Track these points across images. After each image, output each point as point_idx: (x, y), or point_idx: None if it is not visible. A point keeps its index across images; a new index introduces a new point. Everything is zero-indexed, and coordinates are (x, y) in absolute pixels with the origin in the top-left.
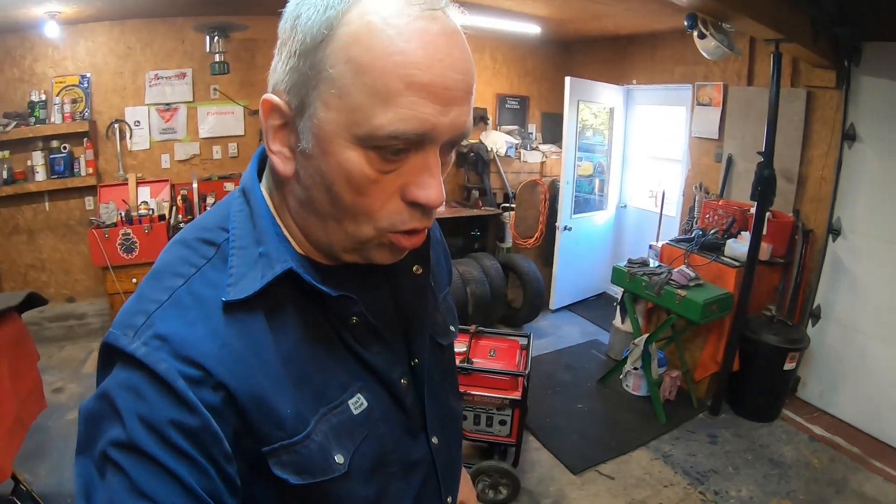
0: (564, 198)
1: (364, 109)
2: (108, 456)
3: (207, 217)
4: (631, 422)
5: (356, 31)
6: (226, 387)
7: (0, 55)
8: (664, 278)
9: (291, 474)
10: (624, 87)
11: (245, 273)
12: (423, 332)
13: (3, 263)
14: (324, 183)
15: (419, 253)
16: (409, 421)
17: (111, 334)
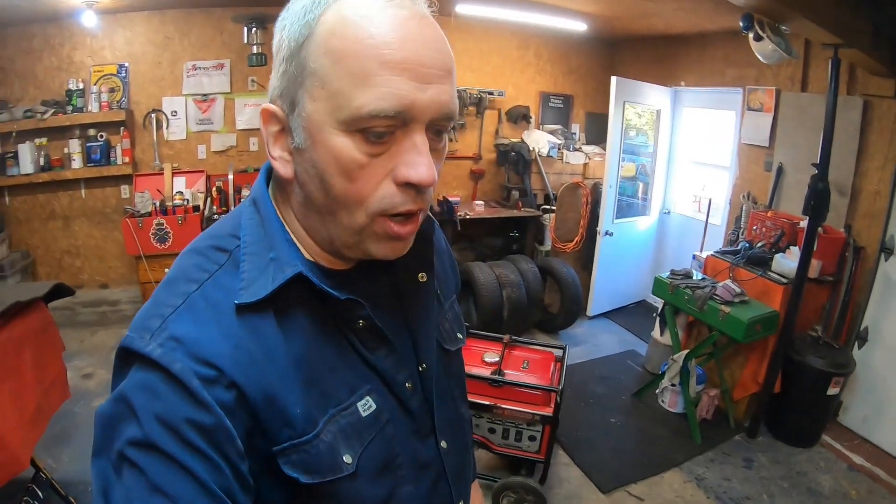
0: (607, 202)
1: (344, 93)
2: (124, 455)
3: (219, 226)
4: (665, 440)
5: (332, 25)
6: (238, 386)
7: (39, 43)
8: (708, 293)
9: (301, 473)
10: (671, 89)
11: (256, 277)
12: (429, 337)
13: (39, 248)
14: (317, 174)
15: (424, 261)
16: (417, 424)
17: (127, 338)
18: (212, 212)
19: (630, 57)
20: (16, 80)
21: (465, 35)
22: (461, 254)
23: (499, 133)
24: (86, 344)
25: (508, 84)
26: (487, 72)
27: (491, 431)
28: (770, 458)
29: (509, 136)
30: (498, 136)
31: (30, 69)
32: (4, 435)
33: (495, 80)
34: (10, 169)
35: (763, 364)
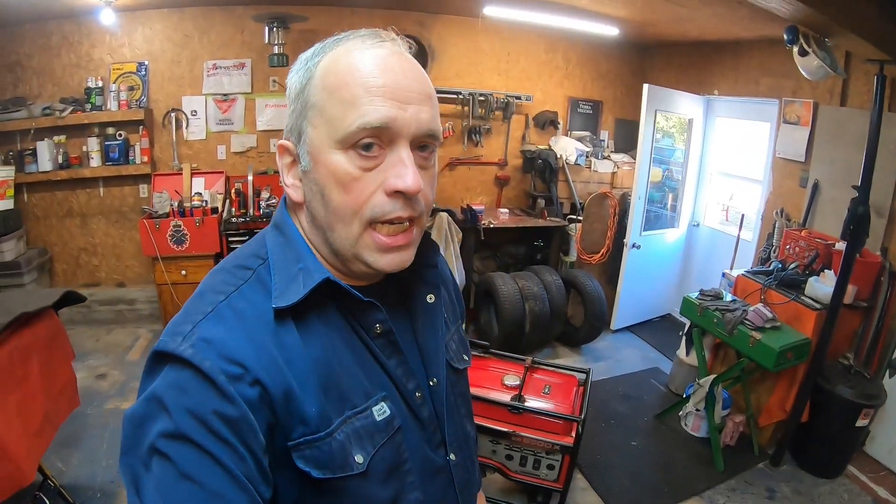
0: (635, 213)
1: (338, 116)
2: (155, 448)
3: (242, 250)
4: (686, 466)
5: (327, 66)
6: (261, 383)
7: (57, 40)
8: (738, 317)
9: (313, 468)
10: (704, 98)
11: (288, 287)
12: (438, 354)
13: (56, 246)
14: (319, 190)
15: (431, 284)
16: (428, 434)
17: (161, 342)
18: (230, 214)
19: (662, 63)
20: (34, 77)
21: (493, 37)
22: (483, 263)
23: (525, 139)
24: (101, 342)
25: (536, 88)
26: (514, 75)
27: (508, 458)
28: (793, 489)
29: (536, 142)
30: (524, 141)
31: (48, 66)
32: (9, 447)
33: (522, 84)
34: (28, 166)
35: (792, 391)
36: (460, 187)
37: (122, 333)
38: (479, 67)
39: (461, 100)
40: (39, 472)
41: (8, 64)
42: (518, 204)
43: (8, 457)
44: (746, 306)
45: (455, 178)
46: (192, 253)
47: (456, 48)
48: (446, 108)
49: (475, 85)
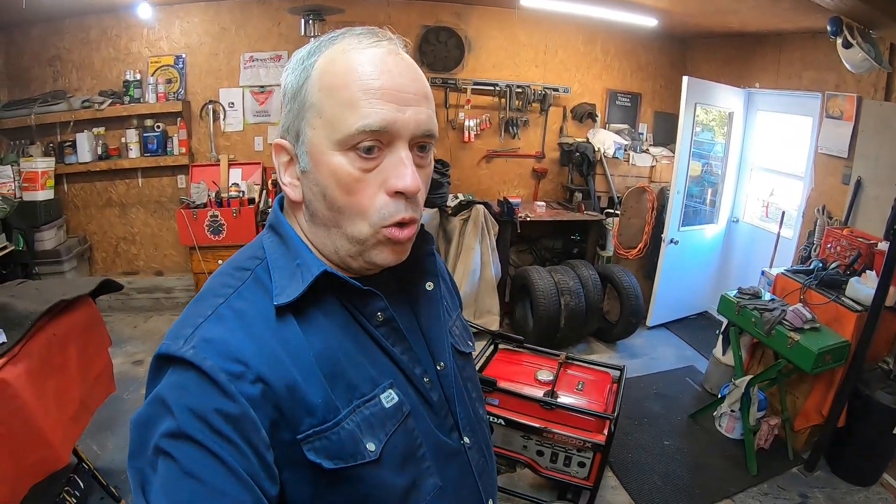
0: (673, 208)
1: (337, 118)
2: (159, 448)
3: (240, 254)
4: (719, 468)
5: (324, 66)
6: (263, 379)
7: (96, 34)
8: (777, 317)
9: (324, 459)
10: (745, 91)
11: (287, 283)
12: (442, 338)
13: (96, 235)
14: (320, 191)
15: (428, 272)
16: (439, 419)
17: (163, 346)
18: (267, 205)
19: (701, 55)
20: (74, 71)
21: (530, 29)
22: (520, 256)
23: (563, 131)
24: (139, 329)
25: (574, 80)
26: (552, 67)
27: (539, 454)
28: (826, 496)
29: (574, 134)
30: (562, 134)
31: (87, 60)
32: (46, 431)
33: (560, 76)
34: (68, 157)
35: (829, 395)
36: (497, 180)
37: (160, 321)
38: (517, 59)
39: (498, 92)
40: (74, 455)
41: (48, 58)
42: (555, 197)
43: (45, 440)
44: (785, 306)
45: (492, 171)
46: (229, 243)
47: (493, 40)
48: (483, 100)
49: (512, 77)
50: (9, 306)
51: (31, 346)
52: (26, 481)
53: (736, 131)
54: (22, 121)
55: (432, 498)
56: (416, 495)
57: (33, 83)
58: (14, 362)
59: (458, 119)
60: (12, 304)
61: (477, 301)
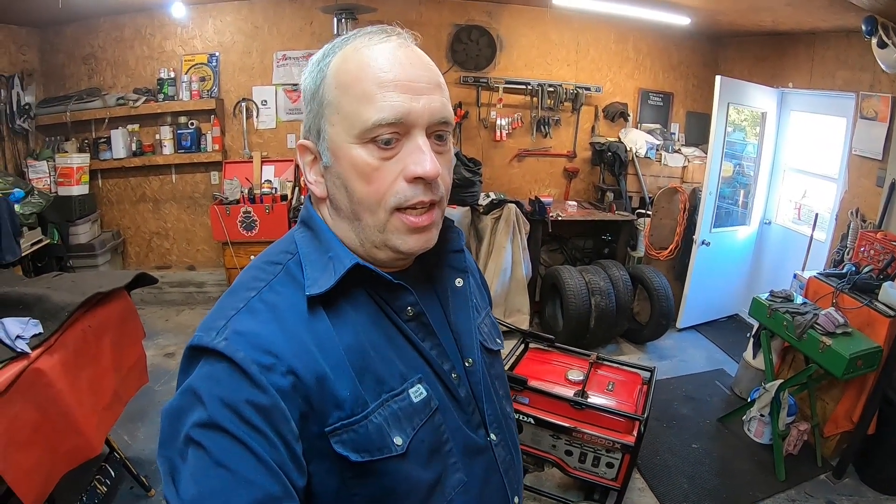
0: (705, 209)
1: (354, 112)
2: (190, 437)
3: (271, 249)
4: (747, 472)
5: (338, 65)
6: (294, 372)
7: (131, 33)
8: (808, 321)
9: (351, 451)
10: (778, 90)
11: (319, 276)
12: (471, 335)
13: (130, 229)
14: (342, 184)
15: (458, 268)
16: (467, 415)
17: (196, 337)
18: (299, 202)
19: (734, 54)
20: (108, 69)
21: (562, 27)
22: (550, 255)
23: (595, 131)
24: (171, 322)
25: (606, 80)
26: (584, 66)
27: (568, 454)
28: None
29: (606, 134)
30: (594, 133)
31: (121, 58)
32: (79, 421)
33: (591, 75)
34: (103, 153)
35: (860, 401)
36: (529, 179)
37: (191, 315)
38: (548, 58)
39: (530, 91)
40: (107, 445)
41: (83, 56)
42: (586, 197)
43: (78, 429)
44: (817, 310)
45: (524, 170)
46: (262, 238)
47: (525, 38)
48: (515, 99)
49: (544, 76)
50: (45, 298)
51: (66, 337)
52: (59, 468)
53: (769, 132)
54: (57, 117)
55: (457, 493)
56: (441, 490)
57: (68, 81)
58: (50, 352)
59: (490, 118)
60: (48, 296)
61: (507, 300)
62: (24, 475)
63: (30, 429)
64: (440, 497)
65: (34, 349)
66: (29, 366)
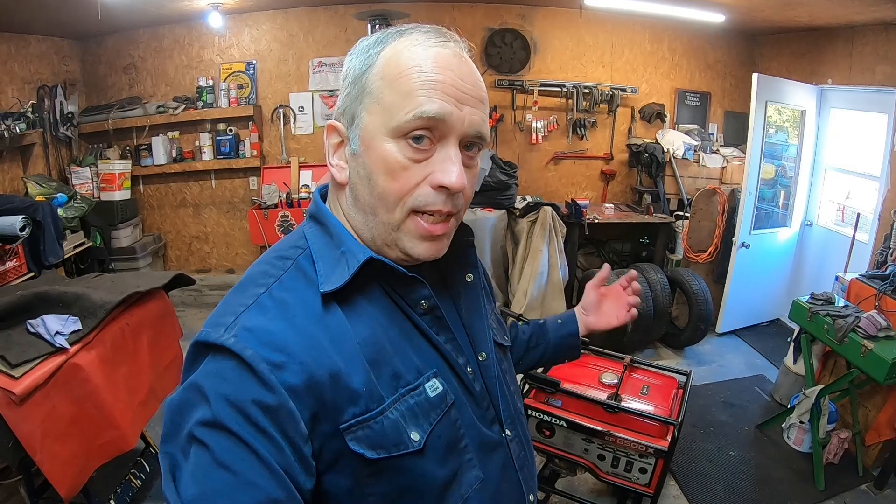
0: (745, 210)
1: (395, 106)
2: (193, 436)
3: (281, 243)
4: (785, 481)
5: (388, 57)
6: (305, 369)
7: (169, 43)
8: (850, 324)
9: (367, 448)
10: (817, 87)
11: (333, 271)
12: (483, 329)
13: (170, 233)
14: (367, 175)
15: (468, 264)
16: (481, 410)
17: (203, 333)
18: None
19: (771, 51)
20: (148, 78)
21: (595, 28)
22: (587, 258)
23: (631, 132)
24: None
25: (641, 80)
26: (619, 67)
27: (600, 458)
28: None
29: (642, 135)
30: (630, 135)
31: (161, 67)
32: (115, 415)
33: (627, 76)
34: (144, 160)
35: None
36: (565, 182)
37: None
38: (583, 60)
39: (565, 93)
40: (142, 440)
41: (124, 66)
42: (624, 199)
43: (114, 423)
44: (859, 313)
45: (560, 173)
46: None
47: (559, 41)
48: (550, 102)
49: (579, 77)
50: (85, 296)
51: (104, 335)
52: (95, 461)
53: (808, 130)
54: (99, 125)
55: (474, 491)
56: (457, 487)
57: (110, 90)
58: (88, 349)
59: (526, 121)
60: (88, 295)
61: (543, 303)
62: (59, 466)
63: (66, 421)
64: (456, 494)
65: (73, 345)
66: (67, 361)
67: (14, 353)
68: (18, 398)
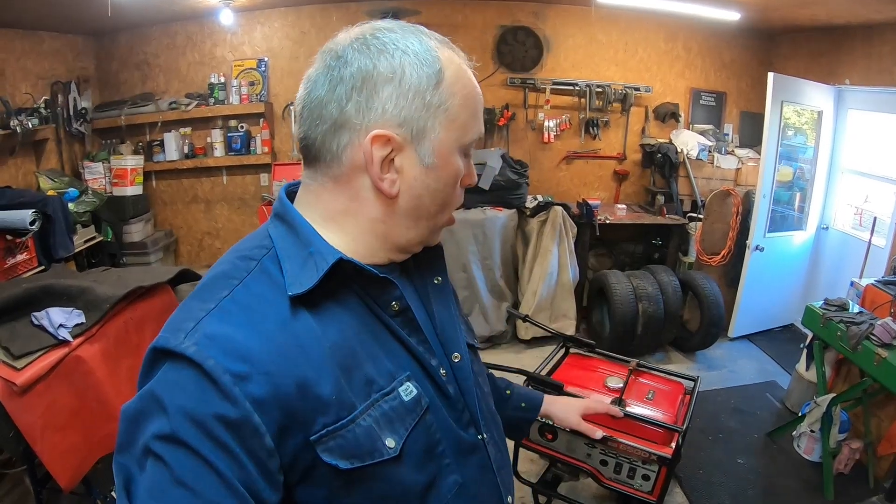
0: (759, 213)
1: (467, 125)
2: (150, 449)
3: (242, 243)
4: (793, 492)
5: (455, 74)
6: (270, 379)
7: (182, 40)
8: (864, 331)
9: (340, 459)
10: (835, 88)
11: (300, 273)
12: (455, 330)
13: (182, 229)
14: (439, 187)
15: (437, 267)
16: (457, 413)
17: (160, 338)
18: None
19: (788, 51)
20: (160, 75)
21: (608, 26)
22: (598, 260)
23: (645, 132)
24: None
25: (655, 79)
26: (632, 66)
27: (603, 464)
28: None
29: (656, 135)
30: (644, 135)
31: (173, 64)
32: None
33: (641, 75)
34: (156, 155)
35: None
36: (577, 182)
37: None
38: (596, 58)
39: (578, 91)
40: None
41: (136, 63)
42: (636, 200)
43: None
44: (874, 319)
45: (572, 173)
46: None
47: (572, 39)
48: (563, 100)
49: (592, 76)
50: (89, 290)
51: (108, 328)
52: (96, 453)
53: (825, 131)
54: (112, 121)
55: (453, 496)
56: (437, 494)
57: (123, 86)
58: (91, 342)
59: (538, 120)
60: (93, 289)
61: (553, 304)
62: (59, 456)
63: (68, 413)
64: (436, 500)
65: (76, 338)
66: (70, 353)
67: (17, 344)
68: (20, 389)
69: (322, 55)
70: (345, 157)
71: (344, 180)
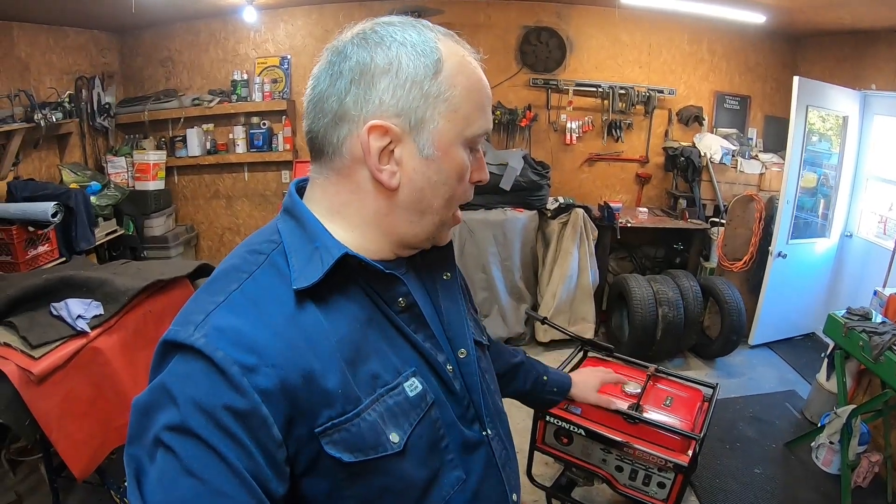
0: (782, 219)
1: (471, 118)
2: (160, 440)
3: (253, 237)
4: (810, 503)
5: (456, 66)
6: (278, 371)
7: (205, 37)
8: (886, 341)
9: (344, 452)
10: (860, 93)
11: (306, 266)
12: (462, 326)
13: (203, 224)
14: (441, 179)
15: (446, 262)
16: (462, 409)
17: (171, 331)
18: None
19: (814, 55)
20: (184, 71)
21: (632, 28)
22: (619, 263)
23: (668, 135)
24: None
25: (679, 82)
26: (656, 68)
27: (618, 470)
28: None
29: (679, 138)
30: (667, 138)
31: (197, 61)
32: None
33: (664, 77)
34: (178, 151)
35: None
36: (599, 184)
37: None
38: (619, 60)
39: (601, 93)
40: None
41: (160, 59)
42: (658, 204)
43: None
44: None
45: (594, 175)
46: None
47: (595, 40)
48: (585, 102)
49: (615, 78)
50: (108, 282)
51: (126, 320)
52: (111, 443)
53: (851, 137)
54: (136, 116)
55: (455, 492)
56: (438, 489)
57: (147, 82)
58: (109, 333)
59: (560, 121)
60: (112, 281)
61: (572, 307)
62: (73, 445)
63: (84, 403)
64: (438, 496)
65: (94, 329)
66: (87, 344)
67: (35, 333)
68: (37, 378)
69: (326, 52)
70: (345, 149)
71: (346, 173)
